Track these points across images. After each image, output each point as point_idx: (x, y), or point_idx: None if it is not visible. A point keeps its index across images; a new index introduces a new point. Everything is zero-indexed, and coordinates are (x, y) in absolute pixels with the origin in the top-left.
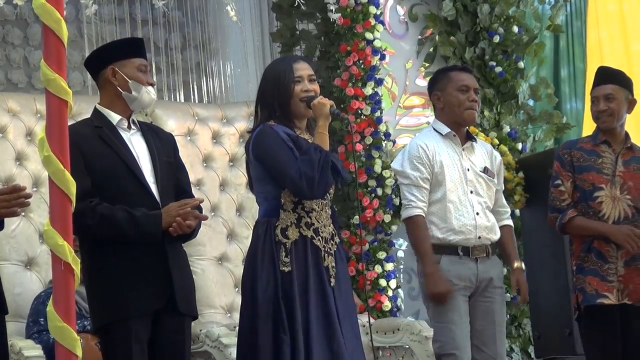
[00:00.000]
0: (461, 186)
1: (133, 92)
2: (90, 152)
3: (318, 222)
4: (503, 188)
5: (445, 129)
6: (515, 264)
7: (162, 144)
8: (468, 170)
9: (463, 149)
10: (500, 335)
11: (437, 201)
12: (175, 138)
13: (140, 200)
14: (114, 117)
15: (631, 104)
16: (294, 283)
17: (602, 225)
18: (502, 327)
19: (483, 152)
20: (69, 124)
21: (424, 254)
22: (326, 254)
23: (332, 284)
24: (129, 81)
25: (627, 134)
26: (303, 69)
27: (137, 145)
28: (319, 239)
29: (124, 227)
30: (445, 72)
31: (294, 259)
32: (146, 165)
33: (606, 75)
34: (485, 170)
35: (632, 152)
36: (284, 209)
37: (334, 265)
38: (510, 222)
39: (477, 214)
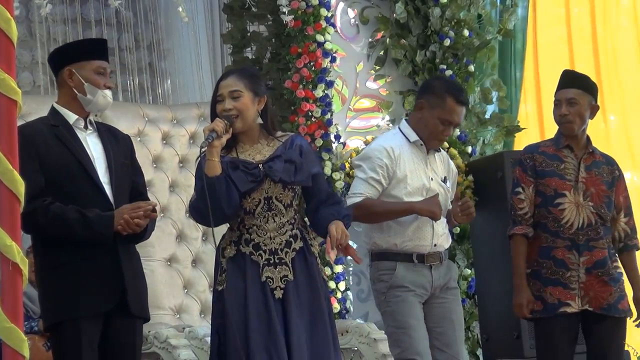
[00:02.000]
0: (421, 194)
1: (88, 95)
2: (46, 150)
3: (259, 236)
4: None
5: (414, 137)
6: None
7: (119, 146)
8: (432, 179)
9: (427, 158)
10: (459, 334)
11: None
12: None
13: (94, 200)
14: (71, 117)
15: (593, 109)
16: (225, 302)
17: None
18: (461, 326)
19: (442, 161)
20: (19, 124)
21: (397, 206)
22: (270, 267)
23: (277, 297)
24: (85, 84)
25: (588, 138)
26: (225, 87)
27: (93, 146)
28: (259, 254)
29: (75, 227)
30: (444, 93)
31: (228, 277)
32: (101, 166)
33: (570, 79)
34: (445, 179)
35: (593, 157)
36: (230, 228)
37: (285, 275)
38: None
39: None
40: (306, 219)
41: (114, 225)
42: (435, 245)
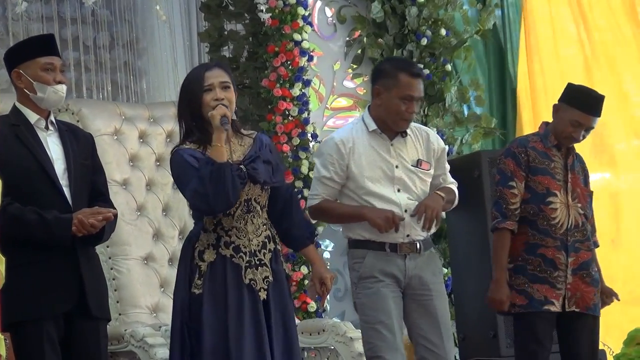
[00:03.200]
0: (386, 184)
1: (39, 93)
2: (5, 150)
3: (240, 238)
4: (448, 167)
5: (373, 126)
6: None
7: (79, 146)
8: (397, 167)
9: (392, 144)
10: (445, 330)
11: (358, 200)
12: (102, 137)
13: (52, 201)
14: (32, 116)
15: None
16: (203, 306)
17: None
18: (446, 321)
19: (417, 142)
20: None
21: (349, 213)
22: (252, 268)
23: (261, 298)
24: (34, 82)
25: None
26: (215, 77)
27: (53, 147)
28: (240, 256)
29: (33, 229)
30: (396, 72)
31: (207, 281)
32: (60, 168)
33: (599, 107)
34: (419, 162)
35: (573, 157)
36: (204, 230)
37: (267, 275)
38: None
39: (406, 211)
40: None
41: (73, 228)
42: (407, 235)
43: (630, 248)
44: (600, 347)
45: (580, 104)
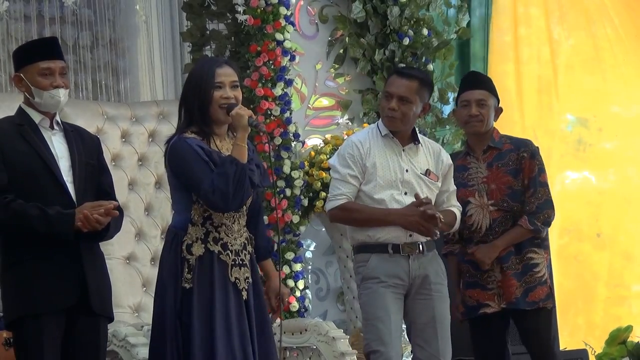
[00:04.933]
0: (395, 186)
1: (36, 98)
2: (10, 148)
3: (228, 236)
4: (454, 189)
5: (385, 130)
6: None
7: (84, 146)
8: (407, 171)
9: (404, 150)
10: (441, 331)
11: (368, 200)
12: None
13: (56, 198)
14: (37, 117)
15: (497, 112)
16: (193, 300)
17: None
18: (443, 322)
19: (428, 154)
20: None
21: (377, 216)
22: (237, 267)
23: (244, 298)
24: (32, 87)
25: (491, 133)
26: (225, 75)
27: (58, 145)
28: (227, 254)
29: (35, 225)
30: (390, 74)
31: (196, 276)
32: (64, 165)
33: (478, 81)
34: (427, 172)
35: (495, 150)
36: (192, 223)
37: (247, 276)
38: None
39: None
40: None
41: (75, 222)
42: (410, 235)
43: (613, 247)
44: (583, 346)
45: (461, 88)
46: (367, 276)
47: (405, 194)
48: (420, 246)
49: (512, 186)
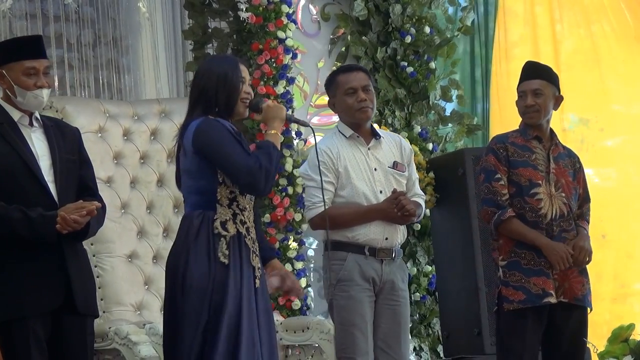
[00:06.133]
0: (369, 187)
1: (18, 97)
2: None
3: (249, 221)
4: (417, 177)
5: (349, 131)
6: None
7: (65, 141)
8: (376, 170)
9: (369, 149)
10: (404, 337)
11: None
12: (86, 135)
13: (38, 199)
14: (15, 114)
15: (557, 100)
16: (230, 275)
17: (538, 237)
18: (406, 328)
19: (391, 146)
20: None
21: (358, 217)
22: (254, 254)
23: (257, 285)
24: (14, 86)
25: (552, 131)
26: (245, 71)
27: (38, 143)
28: (250, 238)
29: (17, 227)
30: (333, 77)
31: (232, 252)
32: (45, 164)
33: (534, 70)
34: (395, 164)
35: (558, 149)
36: (220, 204)
37: (259, 266)
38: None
39: None
40: None
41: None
42: (386, 239)
43: (618, 245)
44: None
45: (520, 78)
46: (343, 277)
47: (381, 192)
48: (394, 252)
49: (575, 187)
